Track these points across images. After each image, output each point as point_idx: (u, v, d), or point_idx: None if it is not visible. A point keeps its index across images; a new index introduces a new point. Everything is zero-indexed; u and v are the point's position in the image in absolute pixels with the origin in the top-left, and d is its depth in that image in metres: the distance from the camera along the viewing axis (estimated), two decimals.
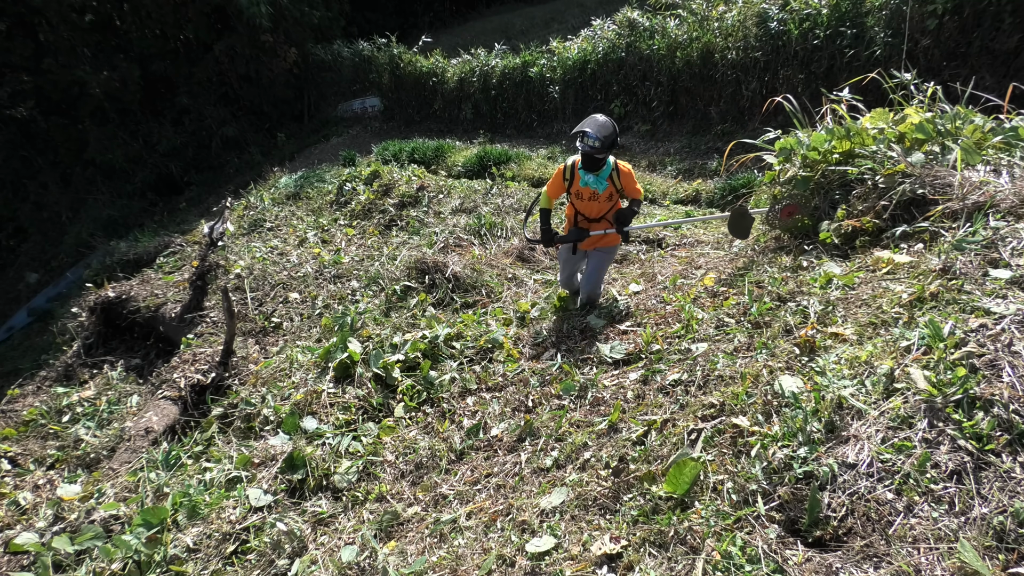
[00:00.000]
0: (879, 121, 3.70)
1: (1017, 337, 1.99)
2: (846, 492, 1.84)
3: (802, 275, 3.25)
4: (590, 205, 3.92)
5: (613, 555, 2.00)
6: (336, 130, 13.67)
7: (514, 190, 7.52)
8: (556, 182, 3.96)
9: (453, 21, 20.29)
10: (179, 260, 6.89)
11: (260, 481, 2.89)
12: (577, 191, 3.89)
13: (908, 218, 3.31)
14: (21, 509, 3.19)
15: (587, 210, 3.95)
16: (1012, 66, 6.20)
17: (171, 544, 2.56)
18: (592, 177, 3.82)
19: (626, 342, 3.35)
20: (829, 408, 2.11)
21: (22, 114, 13.49)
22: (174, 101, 14.41)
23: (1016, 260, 2.41)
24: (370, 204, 7.52)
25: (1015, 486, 1.65)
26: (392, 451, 3.06)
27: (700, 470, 2.13)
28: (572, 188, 3.90)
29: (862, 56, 7.03)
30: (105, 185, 13.82)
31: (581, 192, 3.88)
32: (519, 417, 3.03)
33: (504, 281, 4.88)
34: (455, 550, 2.27)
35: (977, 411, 1.83)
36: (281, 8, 13.39)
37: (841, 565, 1.70)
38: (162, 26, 14.39)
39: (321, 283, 5.47)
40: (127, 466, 3.47)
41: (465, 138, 11.23)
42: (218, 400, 3.95)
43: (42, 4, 12.50)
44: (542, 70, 10.81)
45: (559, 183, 3.95)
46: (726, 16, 8.55)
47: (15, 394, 5.15)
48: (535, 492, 2.47)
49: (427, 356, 3.73)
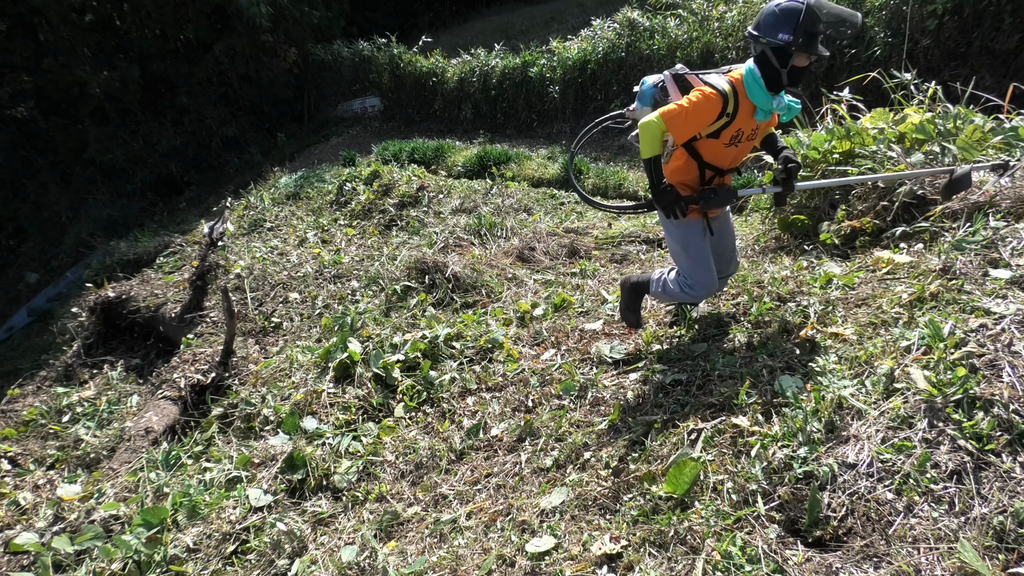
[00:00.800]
0: (879, 121, 3.70)
1: (1017, 337, 1.99)
2: (846, 492, 1.84)
3: (802, 275, 3.25)
4: (741, 149, 2.63)
5: (613, 555, 2.00)
6: (336, 130, 13.66)
7: (514, 190, 7.52)
8: (701, 113, 2.42)
9: (453, 21, 20.28)
10: (179, 260, 6.89)
11: (260, 481, 2.89)
12: (736, 130, 2.55)
13: (908, 218, 3.31)
14: (21, 509, 3.19)
15: (728, 160, 2.63)
16: (1012, 66, 6.19)
17: (171, 544, 2.56)
18: (778, 101, 2.55)
19: (626, 342, 3.35)
20: (829, 408, 2.11)
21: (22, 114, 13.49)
22: (174, 101, 14.41)
23: (1016, 260, 2.41)
24: (370, 204, 7.52)
25: (1015, 486, 1.66)
26: (392, 451, 3.06)
27: (700, 470, 2.13)
28: (728, 127, 2.51)
29: (862, 56, 7.03)
30: (105, 185, 13.83)
31: (741, 131, 2.56)
32: (519, 417, 3.03)
33: (504, 281, 4.88)
34: (455, 550, 2.27)
35: (977, 411, 1.83)
36: (281, 8, 13.39)
37: (841, 565, 1.70)
38: (162, 26, 14.39)
39: (321, 283, 5.47)
40: (127, 466, 3.47)
41: (465, 138, 11.23)
42: (218, 400, 3.95)
43: (42, 4, 12.50)
44: (542, 70, 10.81)
45: (707, 116, 2.44)
46: (726, 16, 8.55)
47: (15, 394, 5.15)
48: (535, 492, 2.47)
49: (427, 356, 3.73)
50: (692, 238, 2.72)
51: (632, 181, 7.75)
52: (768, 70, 2.44)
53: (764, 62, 2.44)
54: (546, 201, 7.26)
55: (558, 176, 8.32)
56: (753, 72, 2.47)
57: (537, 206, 7.04)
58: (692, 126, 2.45)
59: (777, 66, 2.41)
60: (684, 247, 2.74)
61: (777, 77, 2.44)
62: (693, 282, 2.75)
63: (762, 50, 2.43)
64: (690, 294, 2.79)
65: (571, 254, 5.41)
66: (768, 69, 2.44)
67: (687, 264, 2.76)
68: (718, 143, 2.57)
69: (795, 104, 2.63)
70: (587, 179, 8.02)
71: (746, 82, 2.48)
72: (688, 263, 2.75)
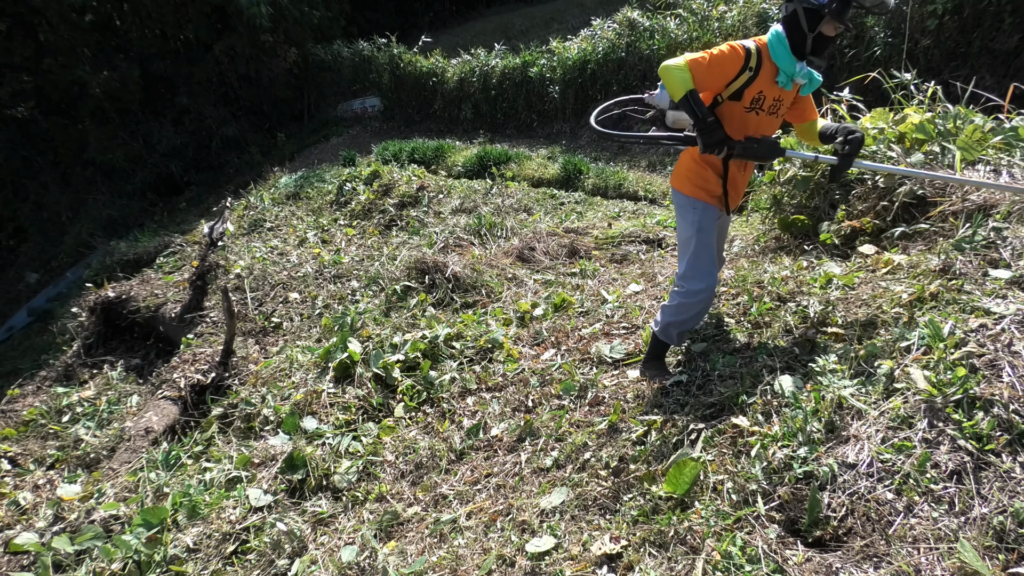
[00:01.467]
0: (879, 121, 3.70)
1: (1017, 337, 1.99)
2: (846, 492, 1.84)
3: (802, 275, 3.25)
4: (762, 121, 2.57)
5: (613, 555, 2.00)
6: (336, 130, 13.67)
7: (514, 190, 7.52)
8: (724, 62, 2.39)
9: (453, 21, 20.28)
10: (179, 260, 6.89)
11: (260, 481, 2.89)
12: (758, 92, 2.47)
13: (908, 218, 3.31)
14: (21, 509, 3.19)
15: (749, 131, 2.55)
16: (1012, 66, 6.20)
17: (171, 544, 2.56)
18: (800, 67, 2.47)
19: (626, 342, 3.35)
20: (829, 408, 2.11)
21: (22, 114, 13.49)
22: (174, 101, 14.41)
23: (1016, 260, 2.41)
24: (370, 204, 7.52)
25: (1015, 486, 1.66)
26: (392, 451, 3.06)
27: (700, 470, 2.13)
28: (750, 85, 2.45)
29: (862, 56, 7.03)
30: (105, 185, 13.82)
31: (763, 95, 2.48)
32: (519, 417, 3.03)
33: (504, 281, 4.88)
34: (455, 550, 2.27)
35: (977, 411, 1.83)
36: (281, 8, 13.40)
37: (841, 565, 1.70)
38: (162, 26, 14.40)
39: (321, 283, 5.47)
40: (127, 466, 3.47)
41: (465, 138, 11.23)
42: (218, 400, 3.95)
43: (42, 4, 12.50)
44: (542, 70, 10.81)
45: (730, 67, 2.41)
46: (726, 16, 8.55)
47: (15, 394, 5.15)
48: (535, 492, 2.47)
49: (427, 356, 3.73)
50: (706, 223, 2.67)
51: (632, 181, 7.75)
52: (795, 33, 2.41)
53: (793, 25, 2.41)
54: (546, 201, 7.26)
55: (558, 176, 8.31)
56: (779, 34, 2.45)
57: (537, 206, 7.04)
58: (715, 75, 2.41)
59: (805, 29, 2.38)
60: (697, 230, 2.66)
61: (803, 42, 2.41)
62: (694, 274, 2.65)
63: (793, 10, 2.39)
64: (691, 299, 2.67)
65: (571, 254, 5.41)
66: (795, 32, 2.41)
67: (692, 253, 2.67)
68: (739, 106, 2.50)
69: (817, 76, 2.57)
70: (587, 179, 8.03)
71: (770, 43, 2.46)
72: (693, 252, 2.68)
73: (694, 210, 2.68)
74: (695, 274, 2.67)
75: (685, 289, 2.69)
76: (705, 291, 2.66)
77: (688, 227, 2.71)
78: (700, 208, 2.67)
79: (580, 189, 7.89)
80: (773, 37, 2.46)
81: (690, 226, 2.69)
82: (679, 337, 2.84)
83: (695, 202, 2.68)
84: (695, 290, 2.66)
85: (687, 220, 2.71)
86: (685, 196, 2.71)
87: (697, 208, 2.67)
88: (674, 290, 2.76)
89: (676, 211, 2.84)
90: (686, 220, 2.72)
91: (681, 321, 2.75)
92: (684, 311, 2.71)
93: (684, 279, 2.71)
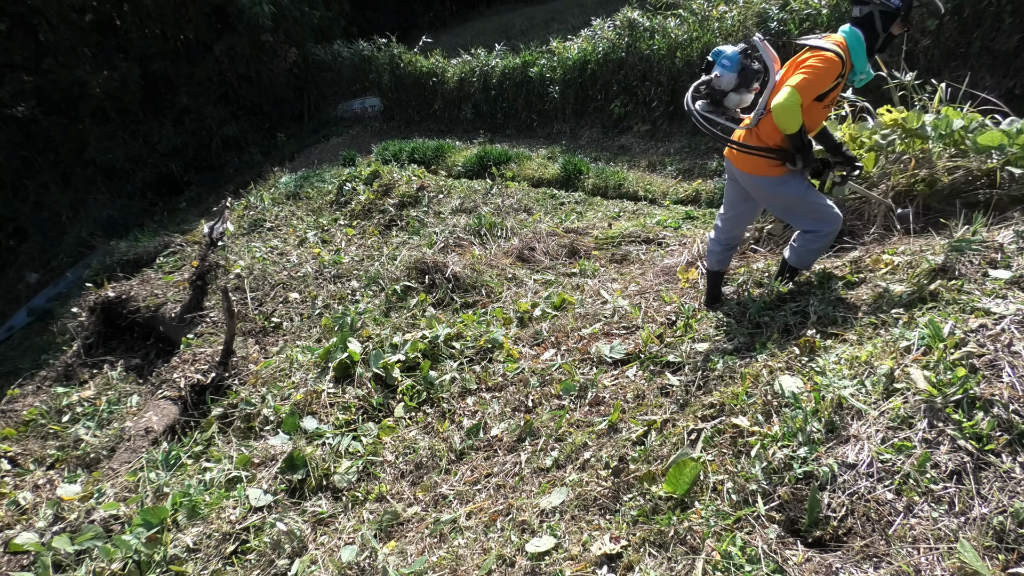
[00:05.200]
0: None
1: (1017, 337, 1.99)
2: (846, 492, 1.84)
3: (802, 275, 3.25)
4: (827, 114, 2.80)
5: (613, 555, 2.00)
6: (336, 130, 13.67)
7: (514, 190, 7.52)
8: (826, 77, 2.52)
9: (453, 21, 20.29)
10: (179, 260, 6.89)
11: (260, 481, 2.89)
12: (838, 92, 2.71)
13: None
14: (21, 509, 3.19)
15: (817, 122, 2.77)
16: (1012, 66, 6.20)
17: (171, 544, 2.56)
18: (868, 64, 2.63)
19: (626, 342, 3.35)
20: (829, 408, 2.11)
21: (22, 114, 13.48)
22: (174, 101, 14.41)
23: (1016, 260, 2.41)
24: (370, 204, 7.52)
25: (1015, 486, 1.65)
26: (392, 451, 3.06)
27: (700, 470, 2.13)
28: (835, 88, 2.61)
29: None
30: (105, 185, 13.83)
31: (837, 90, 2.68)
32: (519, 417, 3.03)
33: (504, 281, 4.88)
34: (455, 550, 2.27)
35: (977, 411, 1.83)
36: (282, 8, 13.40)
37: (841, 565, 1.70)
38: (162, 26, 14.40)
39: (321, 283, 5.47)
40: (127, 466, 3.47)
41: (465, 138, 11.23)
42: (218, 400, 3.95)
43: (42, 4, 12.51)
44: (542, 70, 10.81)
45: (829, 79, 2.53)
46: (726, 16, 8.54)
47: (15, 394, 5.14)
48: (535, 492, 2.47)
49: (427, 356, 3.73)
50: (808, 182, 2.86)
51: (632, 181, 7.76)
52: (871, 34, 2.54)
53: (868, 26, 2.54)
54: (546, 201, 7.26)
55: (558, 176, 8.32)
56: (857, 35, 2.56)
57: (537, 206, 7.04)
58: (818, 90, 2.55)
59: (879, 30, 2.53)
60: (805, 191, 2.84)
61: (875, 42, 2.54)
62: (826, 217, 2.84)
63: (869, 12, 2.53)
64: (825, 233, 2.87)
65: (571, 254, 5.41)
66: (871, 33, 2.54)
67: (812, 207, 2.85)
68: (819, 106, 2.65)
69: (871, 72, 2.70)
70: (587, 179, 8.03)
71: (850, 45, 2.56)
72: (812, 206, 2.86)
73: (793, 179, 2.82)
74: (826, 217, 2.84)
75: (823, 232, 2.86)
76: (837, 226, 2.86)
77: (793, 193, 2.84)
78: (791, 177, 2.81)
79: (580, 189, 7.89)
80: (852, 39, 2.57)
81: (796, 191, 2.83)
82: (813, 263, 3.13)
83: (785, 176, 2.82)
84: (830, 231, 2.85)
85: (790, 190, 2.84)
86: (776, 176, 2.84)
87: (790, 179, 2.82)
88: (807, 236, 2.93)
89: (768, 194, 2.97)
90: (788, 191, 2.85)
91: (818, 250, 2.97)
92: (821, 249, 2.95)
93: (818, 223, 2.86)
